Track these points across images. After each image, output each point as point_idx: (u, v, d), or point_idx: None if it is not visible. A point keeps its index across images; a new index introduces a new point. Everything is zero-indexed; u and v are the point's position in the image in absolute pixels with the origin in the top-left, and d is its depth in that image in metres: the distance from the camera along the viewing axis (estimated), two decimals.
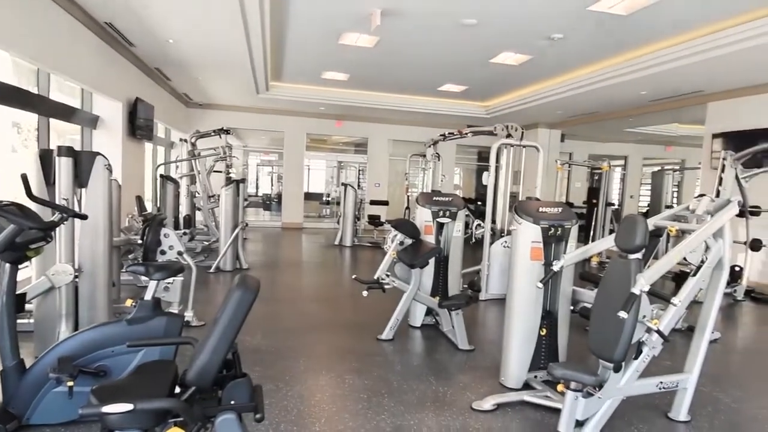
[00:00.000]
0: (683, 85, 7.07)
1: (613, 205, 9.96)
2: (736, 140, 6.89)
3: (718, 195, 5.81)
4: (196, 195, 7.89)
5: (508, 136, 5.47)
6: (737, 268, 6.44)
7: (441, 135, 7.19)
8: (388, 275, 3.97)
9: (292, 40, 6.57)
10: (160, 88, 8.57)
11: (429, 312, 4.40)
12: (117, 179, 4.42)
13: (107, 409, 1.49)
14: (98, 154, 3.03)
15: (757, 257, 6.52)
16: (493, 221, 5.76)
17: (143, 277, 3.38)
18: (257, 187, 18.76)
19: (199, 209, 8.08)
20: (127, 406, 1.48)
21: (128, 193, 6.29)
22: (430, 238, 4.30)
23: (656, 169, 13.36)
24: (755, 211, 6.17)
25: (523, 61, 6.87)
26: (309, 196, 14.26)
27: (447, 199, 4.43)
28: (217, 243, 6.91)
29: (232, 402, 1.66)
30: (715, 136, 7.49)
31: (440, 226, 4.40)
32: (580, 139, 12.80)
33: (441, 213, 4.35)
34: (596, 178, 11.17)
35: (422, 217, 4.36)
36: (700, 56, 5.65)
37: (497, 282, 5.30)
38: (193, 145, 7.91)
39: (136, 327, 2.52)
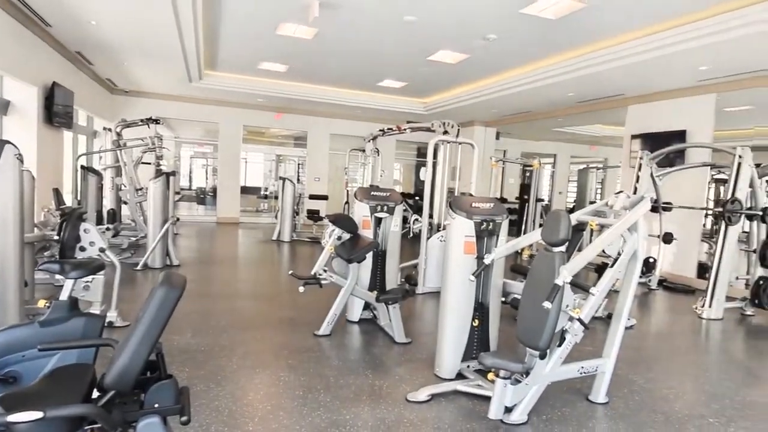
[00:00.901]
0: (606, 88, 7.55)
1: (543, 200, 10.49)
2: (651, 141, 7.45)
3: (635, 192, 6.28)
4: (122, 188, 7.42)
5: (445, 132, 5.59)
6: (651, 260, 6.99)
7: (380, 130, 7.23)
8: (325, 270, 3.95)
9: (227, 28, 6.32)
10: (81, 72, 7.97)
11: (367, 306, 4.42)
12: (30, 170, 4.07)
13: (13, 418, 1.37)
14: (7, 142, 2.76)
15: (668, 249, 7.11)
16: (431, 216, 5.88)
17: (58, 276, 3.14)
18: (191, 181, 17.98)
19: (125, 203, 7.61)
20: (36, 414, 1.37)
21: (44, 185, 5.82)
22: (368, 233, 4.32)
23: (582, 167, 14.23)
24: (667, 207, 6.72)
25: (461, 60, 7.04)
26: (246, 190, 13.87)
27: (385, 194, 4.46)
28: (146, 239, 6.55)
29: (156, 405, 1.58)
30: (633, 137, 8.06)
31: (378, 220, 4.42)
32: (514, 138, 13.34)
33: (379, 208, 4.37)
34: (528, 175, 11.71)
35: (360, 211, 4.37)
36: (621, 62, 6.04)
37: (434, 275, 5.41)
38: (119, 134, 7.43)
39: (50, 329, 2.33)
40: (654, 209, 6.78)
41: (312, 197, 10.57)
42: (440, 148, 5.93)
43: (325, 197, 11.00)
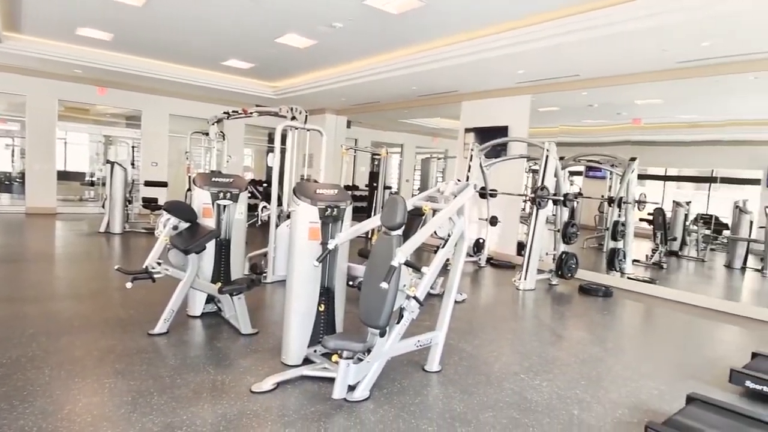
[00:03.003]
0: (443, 84, 8.19)
1: (391, 188, 11.04)
2: (481, 135, 8.33)
3: (467, 180, 6.96)
4: None
5: (293, 118, 5.50)
6: (481, 240, 7.86)
7: (225, 113, 6.83)
8: (159, 263, 3.62)
9: None
10: None
11: (211, 299, 4.18)
12: None
13: None
14: None
15: (494, 231, 8.05)
16: (280, 203, 5.77)
17: None
18: None
19: None
20: None
21: None
22: (209, 222, 4.06)
23: (425, 157, 15.31)
24: (493, 194, 7.60)
25: (309, 46, 6.98)
26: (66, 176, 11.97)
27: (228, 180, 4.23)
28: None
29: None
30: (467, 130, 8.91)
31: (221, 208, 4.19)
32: (365, 127, 13.76)
33: (221, 195, 4.14)
34: (376, 163, 12.20)
35: (200, 199, 4.08)
36: (454, 61, 6.61)
37: (284, 264, 5.34)
38: None
39: None
40: (482, 195, 7.63)
41: (149, 184, 9.56)
42: (289, 135, 5.83)
43: (164, 184, 10.04)
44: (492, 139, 7.46)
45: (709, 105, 8.57)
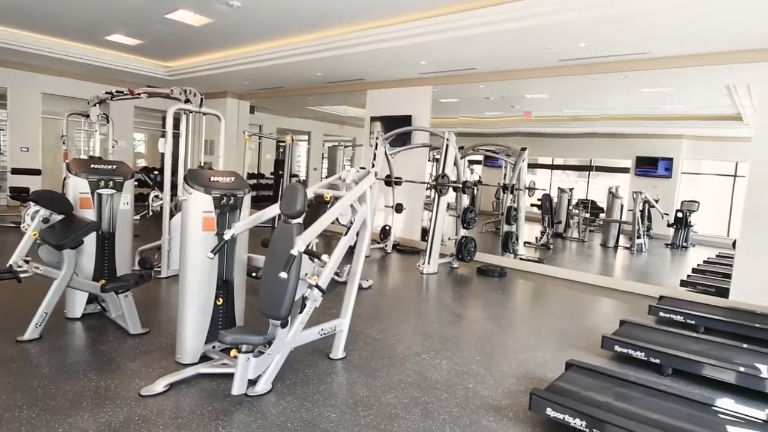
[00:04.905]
0: (348, 71, 8.14)
1: (298, 176, 10.81)
2: (387, 123, 8.43)
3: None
4: None
5: (187, 101, 5.14)
6: (387, 227, 8.01)
7: (108, 93, 6.19)
8: (28, 261, 3.21)
9: None
10: None
11: (94, 299, 3.81)
12: None
13: None
14: None
15: (400, 218, 8.24)
16: (176, 193, 5.38)
17: None
18: None
19: None
20: None
21: None
22: (89, 213, 3.67)
23: (333, 144, 15.21)
24: (398, 181, 7.75)
25: (204, 24, 6.54)
26: None
27: (110, 167, 3.85)
28: None
29: None
30: (373, 119, 8.98)
31: (102, 198, 3.80)
32: (270, 113, 13.30)
33: (102, 183, 3.75)
34: (282, 150, 11.87)
35: (77, 188, 3.67)
36: (360, 48, 6.58)
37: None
38: None
39: None
40: (387, 183, 7.76)
41: (17, 171, 8.43)
42: (183, 118, 5.44)
43: (37, 172, 8.92)
44: (397, 127, 7.59)
45: (588, 101, 9.46)
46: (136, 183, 4.39)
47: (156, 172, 8.68)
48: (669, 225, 10.07)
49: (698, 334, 4.08)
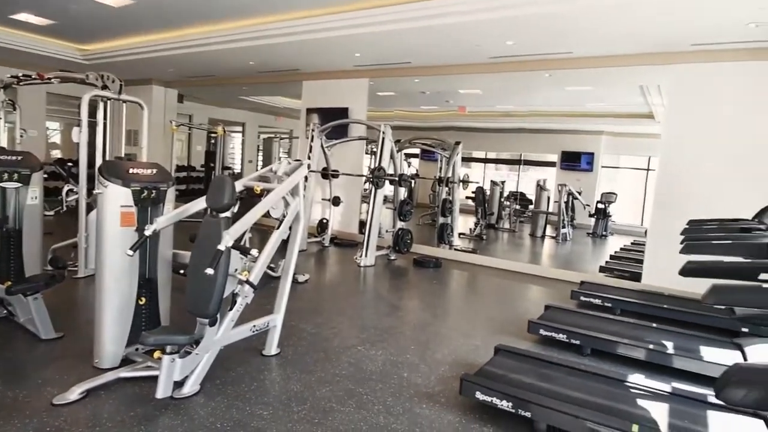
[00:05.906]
0: (282, 61, 7.94)
1: (232, 169, 10.44)
2: (323, 115, 8.32)
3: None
4: None
5: (104, 87, 4.79)
6: (324, 221, 7.94)
7: (13, 76, 5.63)
8: None
9: None
10: None
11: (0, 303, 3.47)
12: None
13: None
14: None
15: (337, 211, 8.19)
16: (93, 186, 5.00)
17: None
18: None
19: None
20: None
21: None
22: None
23: (268, 136, 14.84)
24: (335, 174, 7.69)
25: (125, 5, 6.09)
26: None
27: (14, 158, 3.51)
28: None
29: None
30: (309, 110, 8.81)
31: (5, 192, 3.47)
32: (202, 102, 12.72)
33: (6, 176, 3.42)
34: (213, 142, 11.40)
35: None
36: (294, 37, 6.42)
37: None
38: None
39: None
40: (324, 176, 7.68)
41: None
42: (100, 106, 5.06)
43: None
44: (333, 120, 7.51)
45: (518, 97, 9.88)
46: (46, 176, 4.03)
47: (71, 164, 8.04)
48: (590, 215, 10.78)
49: (614, 315, 4.39)
